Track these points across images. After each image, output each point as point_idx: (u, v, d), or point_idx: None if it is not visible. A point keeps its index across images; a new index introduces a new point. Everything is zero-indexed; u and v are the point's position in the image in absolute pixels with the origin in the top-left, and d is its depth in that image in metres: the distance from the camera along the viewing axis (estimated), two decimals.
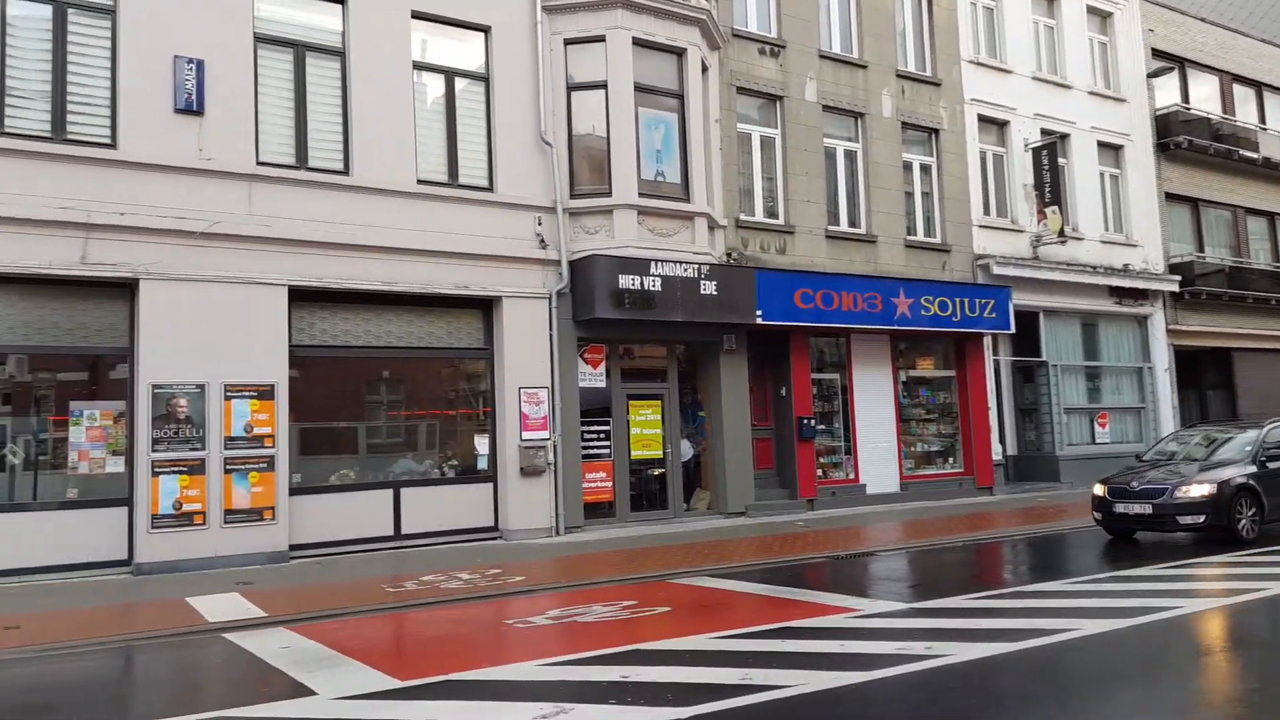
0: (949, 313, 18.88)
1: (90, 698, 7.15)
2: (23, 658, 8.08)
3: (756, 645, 7.55)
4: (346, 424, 14.12)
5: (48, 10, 11.92)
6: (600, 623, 8.70)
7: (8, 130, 11.55)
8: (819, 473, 17.93)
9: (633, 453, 15.96)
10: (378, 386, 14.55)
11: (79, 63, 12.06)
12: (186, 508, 11.98)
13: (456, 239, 14.14)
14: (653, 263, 15.04)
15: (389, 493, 13.77)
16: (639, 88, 15.46)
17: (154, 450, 11.86)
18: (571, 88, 15.48)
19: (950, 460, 20.07)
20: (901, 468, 19.16)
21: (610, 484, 15.58)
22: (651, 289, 14.97)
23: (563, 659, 7.26)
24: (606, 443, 15.64)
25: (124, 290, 12.19)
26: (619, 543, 13.84)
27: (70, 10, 12.02)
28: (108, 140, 12.08)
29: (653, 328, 15.75)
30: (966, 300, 19.24)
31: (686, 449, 16.80)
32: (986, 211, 21.30)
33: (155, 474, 11.84)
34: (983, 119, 21.36)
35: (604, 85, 15.38)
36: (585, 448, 15.35)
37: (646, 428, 16.15)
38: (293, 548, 12.68)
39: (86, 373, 12.45)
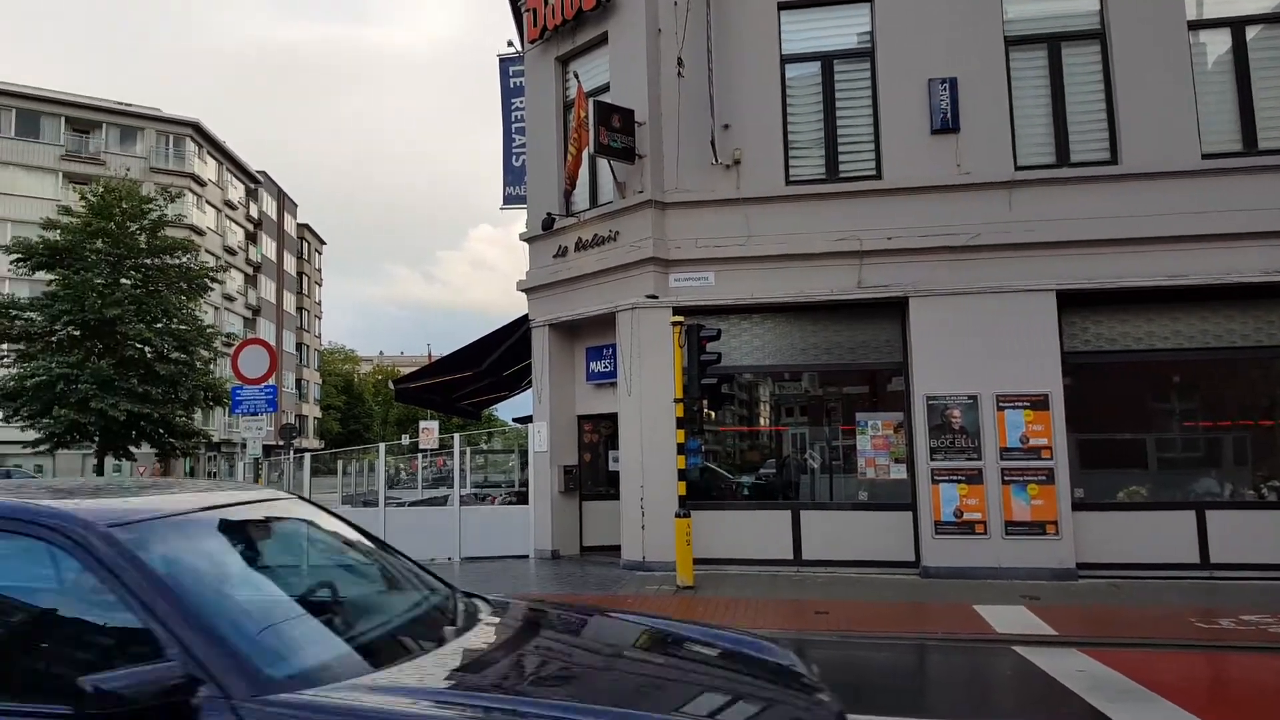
0: None
1: (889, 686, 7.44)
2: (829, 640, 8.85)
3: None
4: (1131, 436, 12.76)
5: (815, 66, 13.40)
6: None
7: (793, 179, 13.22)
8: None
9: None
10: (1166, 394, 12.87)
11: (846, 106, 13.27)
12: (967, 516, 12.06)
13: (1260, 216, 11.86)
14: None
15: (1189, 514, 11.97)
16: None
17: (932, 459, 12.24)
18: None
19: None
20: None
21: None
22: None
23: None
24: None
25: (896, 308, 12.91)
26: None
27: (835, 60, 13.33)
28: (872, 172, 13.01)
29: None
30: None
31: None
32: None
33: (935, 482, 12.20)
34: None
35: None
36: None
37: None
38: (1080, 566, 11.82)
39: (867, 386, 13.50)
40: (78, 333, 25.06)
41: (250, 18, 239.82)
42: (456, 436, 16.00)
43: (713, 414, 13.89)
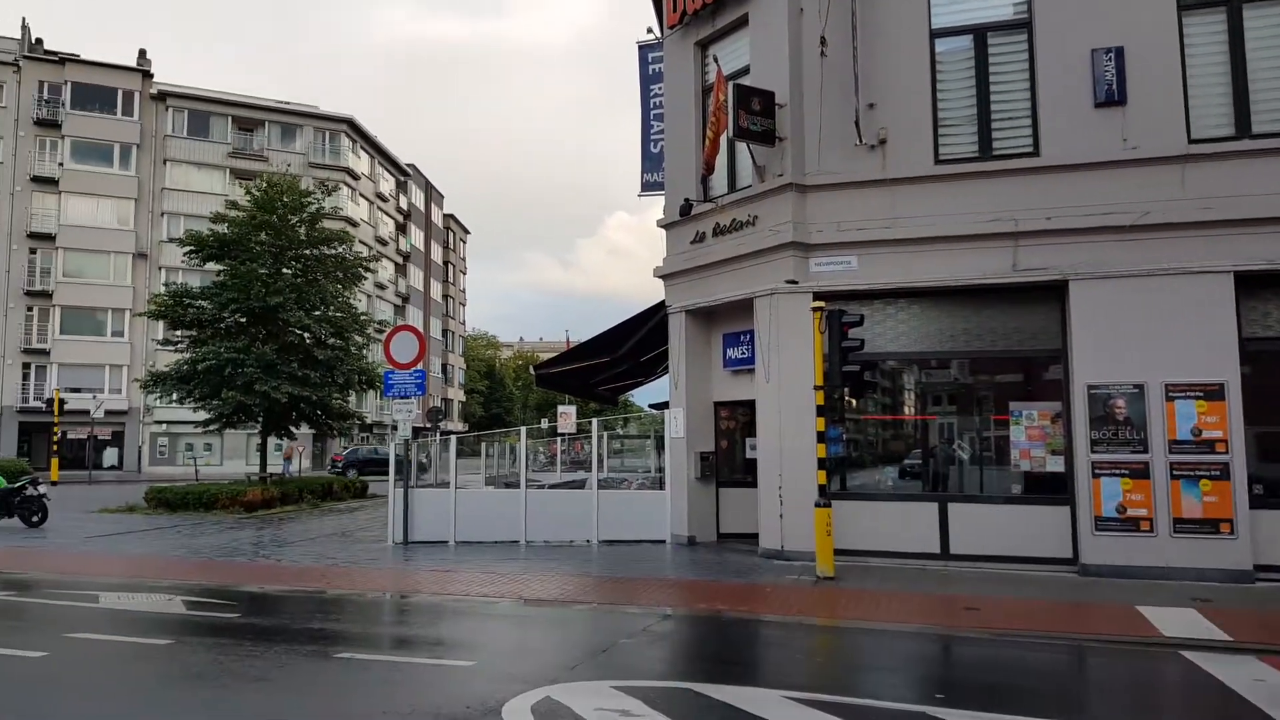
0: None
1: (1045, 689, 7.09)
2: (978, 638, 8.51)
3: None
4: None
5: (967, 40, 12.80)
6: None
7: (943, 157, 12.70)
8: None
9: None
10: None
11: (1001, 80, 12.63)
12: (1131, 512, 11.34)
13: None
14: None
15: None
16: None
17: (1093, 451, 11.56)
18: None
19: None
20: None
21: None
22: None
23: None
24: None
25: (1054, 292, 12.23)
26: None
27: (989, 33, 12.70)
28: (1029, 149, 12.34)
29: None
30: None
31: None
32: None
33: (1095, 475, 11.52)
34: None
35: None
36: None
37: None
38: (1257, 568, 10.95)
39: (1021, 374, 12.87)
40: (244, 320, 26.59)
41: (399, 17, 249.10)
42: (595, 421, 16.19)
43: (853, 401, 13.55)
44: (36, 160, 51.32)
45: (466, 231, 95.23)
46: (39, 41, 54.22)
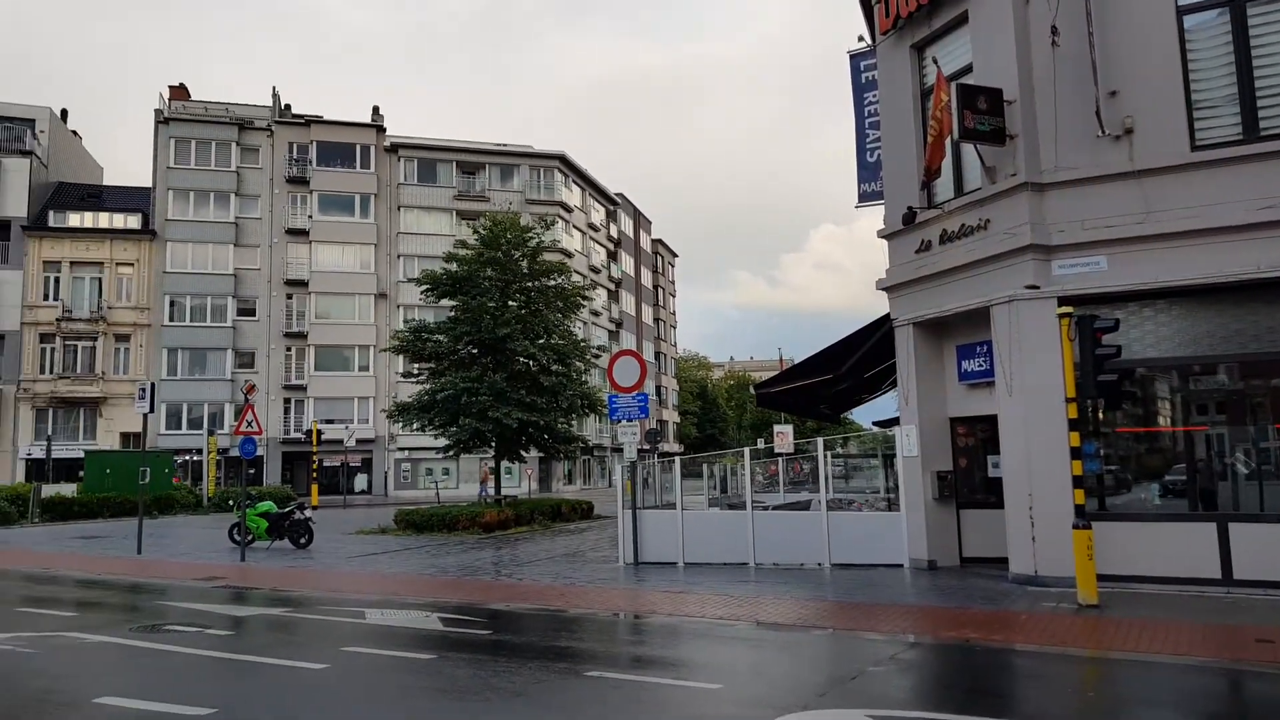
0: None
1: None
2: (1274, 674, 7.56)
3: None
4: None
5: (1221, 13, 11.61)
6: None
7: (1200, 143, 11.56)
8: None
9: None
10: None
11: (1264, 54, 11.35)
12: None
13: None
14: None
15: None
16: None
17: None
18: None
19: None
20: None
21: None
22: None
23: None
24: None
25: None
26: None
27: (1248, 2, 11.46)
28: None
29: None
30: None
31: None
32: None
33: None
34: None
35: None
36: None
37: None
38: None
39: None
40: (475, 351, 28.23)
41: (601, 49, 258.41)
42: (820, 440, 15.86)
43: (1102, 414, 12.51)
44: (290, 214, 56.95)
45: (674, 255, 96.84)
46: (287, 107, 60.31)
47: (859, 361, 16.96)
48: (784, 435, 35.35)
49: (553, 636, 10.09)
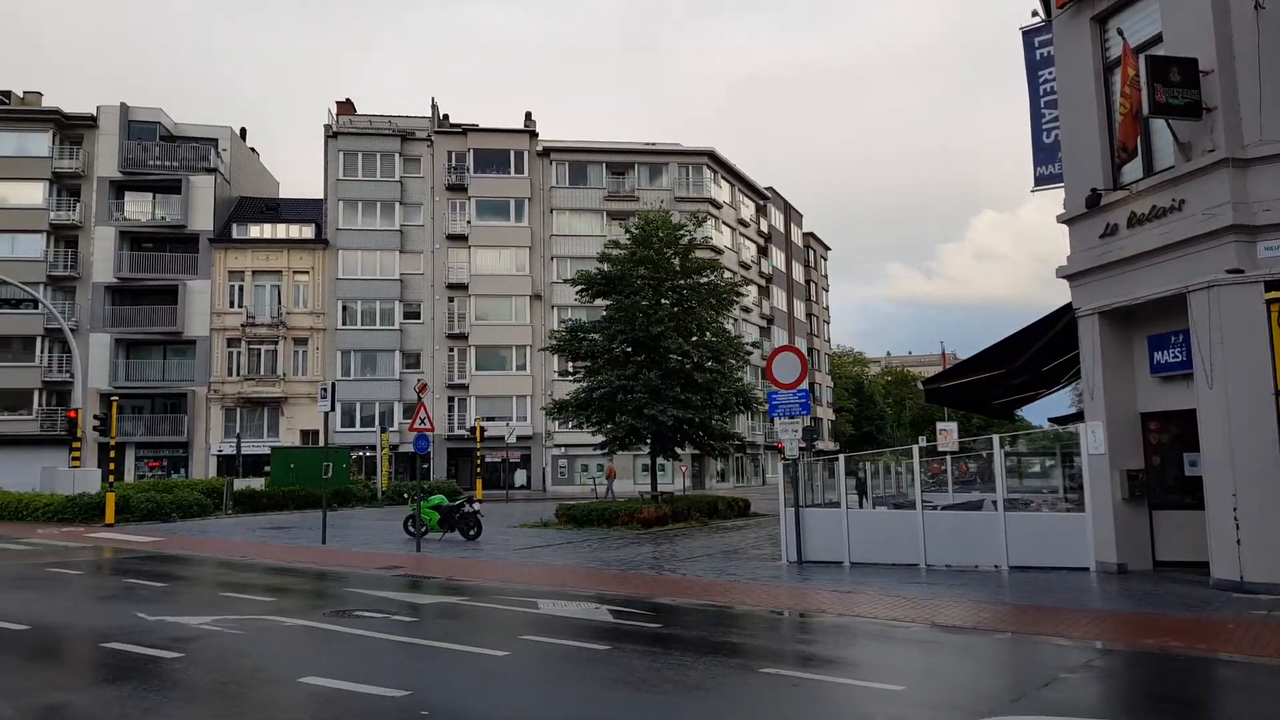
0: None
1: None
2: None
3: None
4: None
5: None
6: None
7: None
8: None
9: None
10: None
11: None
12: None
13: None
14: None
15: None
16: None
17: None
18: None
19: None
20: None
21: None
22: None
23: None
24: None
25: None
26: None
27: None
28: None
29: None
30: None
31: None
32: None
33: None
34: None
35: None
36: None
37: None
38: None
39: None
40: (629, 349, 28.54)
41: (746, 41, 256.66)
42: (995, 438, 15.15)
43: None
44: (449, 220, 59.26)
45: (826, 248, 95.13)
46: (445, 117, 62.76)
47: (1036, 355, 16.16)
48: (947, 433, 34.04)
49: (722, 632, 10.05)
